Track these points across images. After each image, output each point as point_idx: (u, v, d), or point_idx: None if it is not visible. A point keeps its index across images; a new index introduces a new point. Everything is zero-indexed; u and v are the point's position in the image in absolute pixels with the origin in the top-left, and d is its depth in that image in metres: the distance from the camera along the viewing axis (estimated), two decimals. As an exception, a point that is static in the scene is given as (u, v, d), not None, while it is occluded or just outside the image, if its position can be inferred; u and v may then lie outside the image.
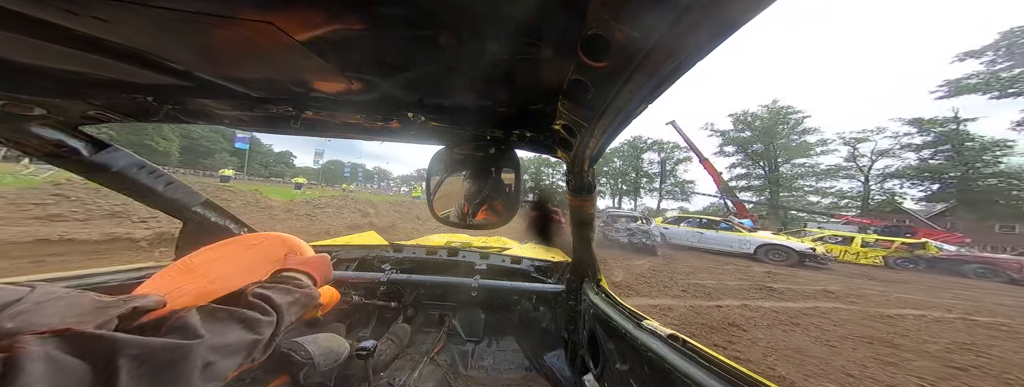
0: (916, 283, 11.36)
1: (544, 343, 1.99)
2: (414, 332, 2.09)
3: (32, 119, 0.86)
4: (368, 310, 2.14)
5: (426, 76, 0.68)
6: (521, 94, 0.77)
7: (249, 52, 0.58)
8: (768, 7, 0.30)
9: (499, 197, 1.07)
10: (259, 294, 0.66)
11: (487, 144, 1.02)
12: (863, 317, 6.23)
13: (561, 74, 0.57)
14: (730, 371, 0.69)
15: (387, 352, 1.74)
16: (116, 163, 1.10)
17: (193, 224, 1.44)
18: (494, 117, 0.91)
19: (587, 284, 1.53)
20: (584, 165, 0.91)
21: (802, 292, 8.08)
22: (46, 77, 0.68)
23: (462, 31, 0.51)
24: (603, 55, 0.42)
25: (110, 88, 0.77)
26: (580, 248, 1.47)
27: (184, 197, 1.36)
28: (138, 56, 0.59)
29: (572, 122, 0.71)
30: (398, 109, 0.87)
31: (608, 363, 1.20)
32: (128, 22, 0.48)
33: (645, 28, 0.36)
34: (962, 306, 7.89)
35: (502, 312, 2.21)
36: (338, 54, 0.58)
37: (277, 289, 0.71)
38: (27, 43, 0.53)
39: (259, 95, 0.80)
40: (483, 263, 2.12)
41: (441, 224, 1.14)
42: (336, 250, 2.26)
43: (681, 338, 0.86)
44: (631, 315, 1.10)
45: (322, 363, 1.17)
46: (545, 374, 1.81)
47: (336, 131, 1.05)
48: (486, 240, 3.26)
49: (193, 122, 1.02)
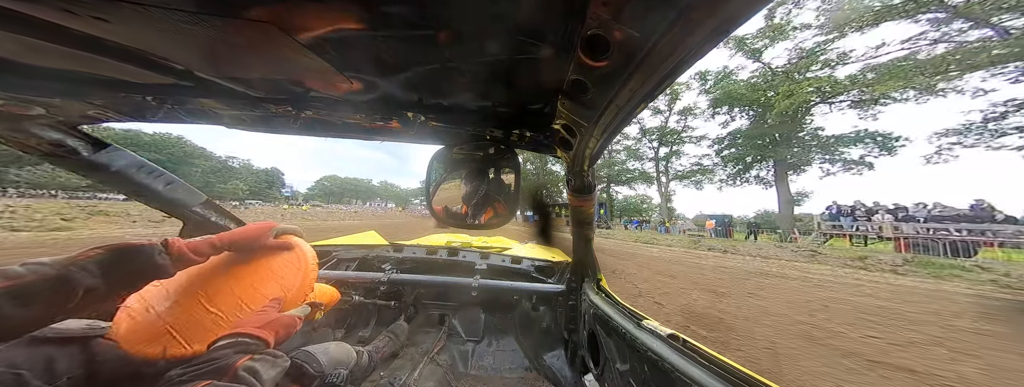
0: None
1: (544, 343, 1.99)
2: (414, 332, 2.09)
3: (32, 119, 0.86)
4: (368, 310, 2.14)
5: (426, 76, 0.68)
6: (521, 94, 0.77)
7: (249, 52, 0.58)
8: (767, 6, 0.30)
9: (499, 197, 1.07)
10: (250, 368, 0.69)
11: (487, 144, 1.02)
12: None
13: (561, 74, 0.57)
14: (730, 371, 0.69)
15: (385, 350, 1.74)
16: (116, 163, 1.10)
17: (193, 224, 1.44)
18: (494, 117, 0.91)
19: (587, 284, 1.53)
20: (584, 165, 0.91)
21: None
22: (46, 77, 0.68)
23: (462, 31, 0.51)
24: (603, 54, 0.42)
25: (110, 88, 0.77)
26: (580, 248, 1.47)
27: (184, 197, 1.36)
28: (138, 56, 0.59)
29: (572, 122, 0.71)
30: (398, 109, 0.87)
31: (608, 363, 1.20)
32: (128, 22, 0.48)
33: (645, 28, 0.36)
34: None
35: (502, 312, 2.21)
36: (338, 54, 0.58)
37: (265, 361, 0.73)
38: (27, 43, 0.53)
39: (259, 95, 0.80)
40: (483, 263, 2.12)
41: (441, 224, 1.14)
42: (336, 250, 2.26)
43: (681, 338, 0.86)
44: (631, 315, 1.10)
45: (332, 374, 1.17)
46: (545, 374, 1.81)
47: (336, 131, 1.04)
48: (486, 240, 3.26)
49: (193, 122, 1.02)
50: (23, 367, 0.69)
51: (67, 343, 0.79)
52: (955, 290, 7.51)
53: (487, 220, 1.07)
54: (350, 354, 1.36)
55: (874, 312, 5.34)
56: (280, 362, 0.77)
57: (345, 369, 1.25)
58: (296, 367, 1.06)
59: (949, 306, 5.97)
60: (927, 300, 6.39)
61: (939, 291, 7.35)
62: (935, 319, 5.08)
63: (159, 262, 0.81)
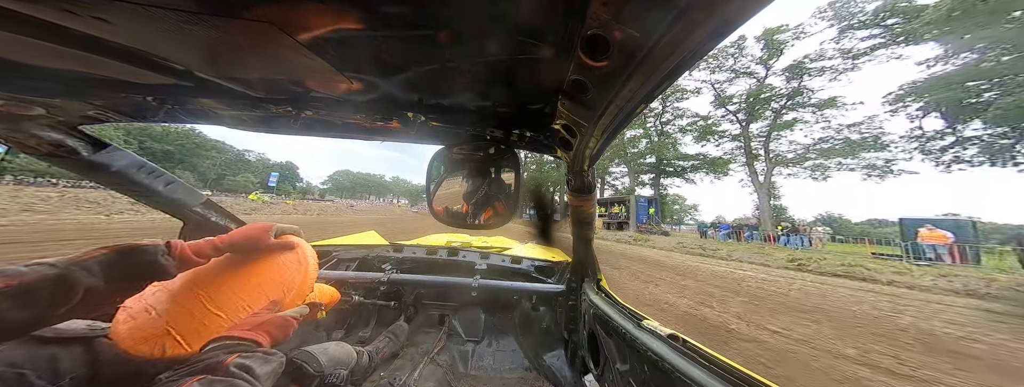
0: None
1: (544, 343, 1.99)
2: (414, 332, 2.08)
3: (32, 119, 0.86)
4: (368, 310, 2.14)
5: (426, 76, 0.68)
6: (521, 94, 0.77)
7: (249, 52, 0.58)
8: (767, 6, 0.30)
9: (499, 197, 1.07)
10: (241, 365, 0.68)
11: (487, 144, 1.02)
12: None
13: (561, 74, 0.57)
14: (730, 371, 0.69)
15: (385, 350, 1.74)
16: (115, 163, 1.10)
17: (193, 224, 1.44)
18: (494, 117, 0.91)
19: (587, 284, 1.53)
20: (584, 165, 0.91)
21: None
22: (46, 77, 0.68)
23: (462, 31, 0.51)
24: (603, 55, 0.42)
25: (110, 88, 0.77)
26: (580, 248, 1.47)
27: (184, 197, 1.36)
28: (138, 56, 0.59)
29: (572, 122, 0.71)
30: (398, 109, 0.87)
31: (608, 363, 1.20)
32: (128, 22, 0.48)
33: (645, 28, 0.36)
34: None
35: (502, 312, 2.21)
36: (338, 54, 0.58)
37: (256, 357, 0.72)
38: (27, 43, 0.53)
39: (259, 95, 0.80)
40: (483, 263, 2.12)
41: (441, 224, 1.14)
42: (336, 250, 2.26)
43: (681, 338, 0.86)
44: (631, 315, 1.10)
45: (332, 374, 1.17)
46: (545, 374, 1.81)
47: (336, 131, 1.04)
48: (486, 240, 3.26)
49: (193, 122, 1.02)
50: (26, 367, 0.68)
51: (70, 343, 0.79)
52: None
53: (487, 220, 1.07)
54: (350, 354, 1.36)
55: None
56: (273, 359, 0.76)
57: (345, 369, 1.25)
58: (295, 367, 1.06)
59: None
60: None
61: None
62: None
63: (162, 263, 0.81)
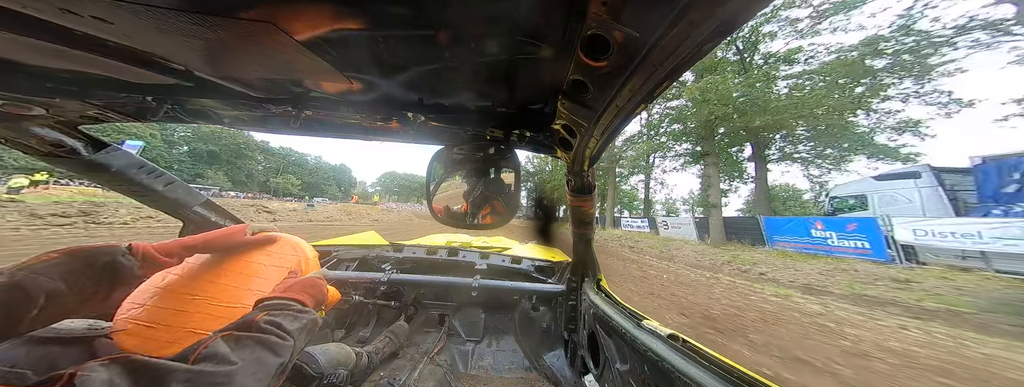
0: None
1: (544, 343, 1.99)
2: (414, 332, 2.08)
3: (31, 119, 0.86)
4: (368, 310, 2.14)
5: (426, 76, 0.68)
6: (521, 94, 0.77)
7: (249, 52, 0.58)
8: (767, 6, 0.31)
9: (499, 197, 1.07)
10: (271, 321, 0.68)
11: (487, 144, 1.02)
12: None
13: (561, 74, 0.57)
14: (730, 371, 0.69)
15: (385, 350, 1.74)
16: (115, 163, 1.10)
17: (193, 224, 1.44)
18: (494, 117, 0.91)
19: (587, 284, 1.53)
20: (584, 165, 0.91)
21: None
22: (46, 77, 0.68)
23: (462, 31, 0.51)
24: (603, 55, 0.42)
25: (110, 88, 0.77)
26: (580, 248, 1.47)
27: (184, 197, 1.36)
28: (138, 56, 0.59)
29: (572, 122, 0.70)
30: (398, 109, 0.87)
31: (608, 363, 1.20)
32: (128, 22, 0.48)
33: (645, 28, 0.36)
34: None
35: (502, 312, 2.21)
36: (338, 54, 0.58)
37: (286, 315, 0.73)
38: (27, 43, 0.53)
39: (259, 95, 0.80)
40: (483, 263, 2.12)
41: (441, 224, 1.14)
42: (336, 250, 2.26)
43: (681, 338, 0.86)
44: (631, 315, 1.10)
45: (331, 374, 1.18)
46: (545, 374, 1.81)
47: (336, 131, 1.05)
48: (486, 240, 3.26)
49: (193, 122, 1.02)
50: (25, 366, 0.68)
51: (70, 343, 0.79)
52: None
53: (487, 220, 1.07)
54: (349, 355, 1.37)
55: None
56: (304, 317, 0.76)
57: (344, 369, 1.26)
58: (295, 367, 1.06)
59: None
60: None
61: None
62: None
63: (123, 263, 0.79)
